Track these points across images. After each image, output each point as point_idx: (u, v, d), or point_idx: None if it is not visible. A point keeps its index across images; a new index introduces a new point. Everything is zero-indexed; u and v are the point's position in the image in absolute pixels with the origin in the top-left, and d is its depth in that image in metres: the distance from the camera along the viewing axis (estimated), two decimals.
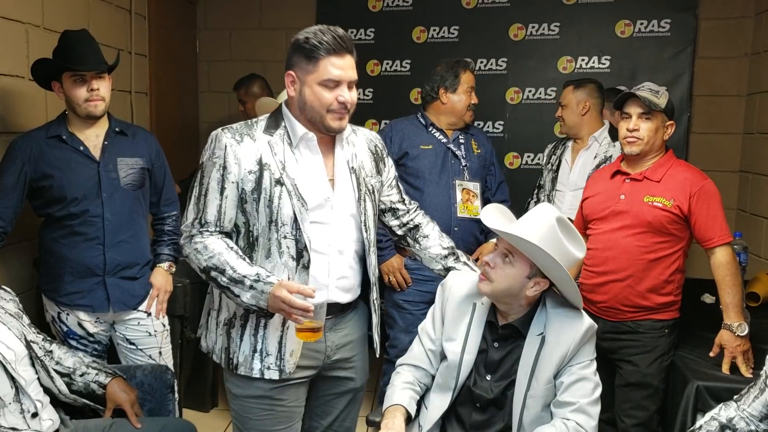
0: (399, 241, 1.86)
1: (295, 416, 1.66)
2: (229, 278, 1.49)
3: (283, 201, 1.52)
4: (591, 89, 2.69)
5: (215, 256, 1.51)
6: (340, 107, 1.52)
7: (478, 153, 2.63)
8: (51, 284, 2.08)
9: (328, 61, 1.49)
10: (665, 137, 2.04)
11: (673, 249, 2.01)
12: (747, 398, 1.49)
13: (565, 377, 1.53)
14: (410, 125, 2.63)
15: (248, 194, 1.53)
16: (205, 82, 4.11)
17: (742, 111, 3.50)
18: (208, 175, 1.54)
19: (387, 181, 1.76)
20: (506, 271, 1.54)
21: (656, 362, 2.03)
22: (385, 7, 3.83)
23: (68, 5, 2.61)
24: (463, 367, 1.59)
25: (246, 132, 1.56)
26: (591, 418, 1.51)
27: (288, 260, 1.54)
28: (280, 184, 1.52)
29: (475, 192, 2.57)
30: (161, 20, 3.48)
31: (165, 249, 2.26)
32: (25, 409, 1.65)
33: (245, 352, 1.58)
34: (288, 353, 1.57)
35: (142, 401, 1.94)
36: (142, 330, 2.17)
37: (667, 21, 3.53)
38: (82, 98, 1.99)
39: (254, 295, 1.47)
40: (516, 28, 3.71)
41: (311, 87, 1.52)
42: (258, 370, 1.57)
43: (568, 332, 1.53)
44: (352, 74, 1.54)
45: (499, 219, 1.59)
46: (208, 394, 3.01)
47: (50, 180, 2.00)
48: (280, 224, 1.53)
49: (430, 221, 1.85)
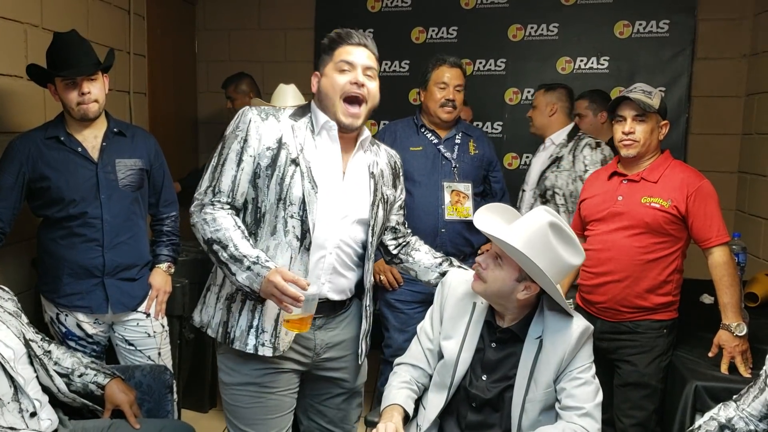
0: (392, 260, 1.86)
1: (284, 407, 1.66)
2: (230, 255, 1.50)
3: (295, 181, 1.54)
4: (560, 93, 2.76)
5: (221, 230, 1.52)
6: (352, 88, 1.55)
7: (474, 154, 2.60)
8: (49, 285, 2.07)
9: (343, 48, 1.58)
10: (660, 137, 2.05)
11: (671, 249, 2.01)
12: (746, 398, 1.50)
13: (566, 382, 1.52)
14: (404, 127, 2.63)
15: (262, 169, 1.56)
16: (203, 83, 4.11)
17: (741, 112, 3.51)
18: (229, 146, 1.57)
19: (399, 201, 1.80)
20: (496, 273, 1.54)
21: (655, 362, 2.03)
22: (384, 8, 3.84)
23: (67, 5, 2.60)
24: (460, 365, 1.59)
25: (272, 113, 1.61)
26: (596, 421, 1.50)
27: (292, 239, 1.55)
28: (295, 164, 1.55)
29: (465, 193, 2.54)
30: (160, 20, 3.48)
31: (164, 250, 2.25)
32: (24, 409, 1.65)
33: (242, 327, 1.59)
34: (283, 332, 1.58)
35: (140, 402, 1.94)
36: (141, 331, 2.17)
37: (665, 22, 3.54)
38: (75, 102, 1.99)
39: (249, 276, 1.48)
40: (515, 29, 3.71)
41: (328, 75, 1.59)
42: (252, 345, 1.58)
43: (564, 336, 1.52)
44: (369, 61, 1.59)
45: (491, 220, 1.59)
46: (207, 394, 3.00)
47: (48, 181, 1.99)
48: (288, 203, 1.55)
49: (418, 239, 1.88)
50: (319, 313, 1.61)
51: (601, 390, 1.55)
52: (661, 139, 2.06)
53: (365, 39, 1.60)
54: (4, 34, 2.24)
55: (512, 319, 1.59)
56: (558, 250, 1.50)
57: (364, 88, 1.57)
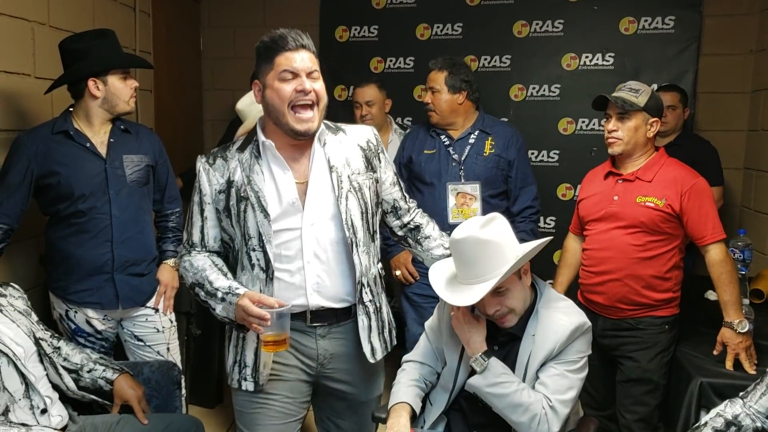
0: (400, 242, 1.82)
1: (290, 414, 1.65)
2: (206, 292, 1.55)
3: (248, 215, 1.55)
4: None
5: (198, 272, 1.58)
6: (299, 97, 1.49)
7: (489, 153, 2.51)
8: (59, 282, 2.09)
9: (283, 55, 1.49)
10: (649, 135, 2.03)
11: (669, 247, 2.01)
12: (753, 395, 1.50)
13: (543, 372, 1.53)
14: (423, 129, 2.62)
15: (221, 213, 1.60)
16: (209, 80, 4.11)
17: (747, 108, 3.49)
18: (192, 200, 1.63)
19: (387, 179, 1.71)
20: (511, 297, 1.54)
21: (657, 358, 2.04)
22: (389, 5, 3.83)
23: (73, 3, 2.61)
24: (461, 374, 1.61)
25: (220, 154, 1.62)
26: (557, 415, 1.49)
27: (258, 272, 1.57)
28: (244, 199, 1.55)
29: (473, 195, 2.49)
30: (165, 18, 3.48)
31: (170, 245, 2.27)
32: (35, 405, 1.67)
33: (230, 363, 1.64)
34: (262, 365, 1.60)
35: (149, 397, 1.95)
36: (150, 326, 2.18)
37: (671, 18, 3.52)
38: (128, 95, 2.06)
39: (225, 307, 1.51)
40: (520, 25, 3.70)
41: (271, 86, 1.51)
42: (236, 381, 1.62)
43: (556, 330, 1.53)
44: (311, 65, 1.51)
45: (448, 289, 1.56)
46: (214, 390, 3.02)
47: (57, 177, 2.00)
48: (248, 237, 1.56)
49: (431, 221, 1.81)
50: (319, 322, 1.60)
51: (575, 389, 1.53)
52: (651, 137, 2.03)
53: (302, 39, 1.51)
54: (11, 33, 2.25)
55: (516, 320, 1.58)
56: (503, 237, 1.51)
57: (312, 93, 1.51)
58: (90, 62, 2.01)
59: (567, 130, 3.69)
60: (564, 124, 3.69)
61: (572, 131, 3.70)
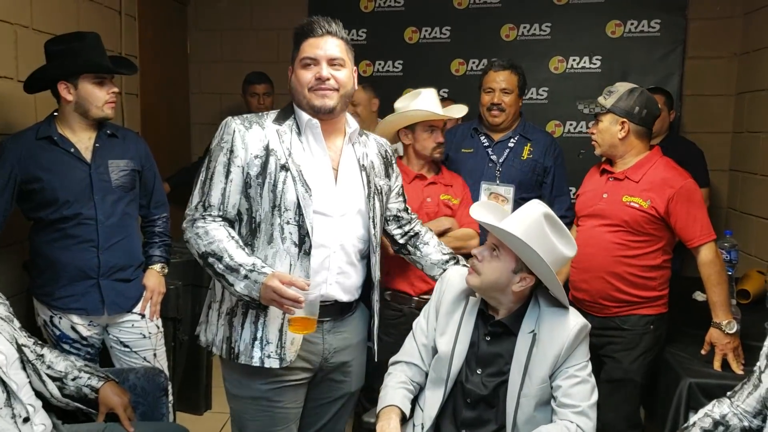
0: (400, 250, 1.87)
1: (291, 418, 1.66)
2: (226, 266, 1.49)
3: (288, 186, 1.53)
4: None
5: (215, 242, 1.51)
6: (317, 84, 1.55)
7: (527, 158, 2.50)
8: (44, 288, 2.06)
9: (308, 42, 1.57)
10: (619, 136, 2.03)
11: (653, 248, 2.02)
12: (741, 394, 1.51)
13: (562, 380, 1.53)
14: (464, 129, 2.64)
15: (253, 179, 1.55)
16: (196, 83, 4.09)
17: (732, 110, 3.53)
18: (215, 159, 1.56)
19: (395, 188, 1.80)
20: (493, 265, 1.55)
21: (639, 359, 2.04)
22: (377, 8, 3.84)
23: (57, 6, 2.58)
24: (455, 358, 1.60)
25: (255, 120, 1.60)
26: (590, 420, 1.51)
27: (290, 246, 1.54)
28: (285, 169, 1.54)
29: (505, 197, 2.49)
30: (151, 21, 3.46)
31: (156, 251, 2.25)
32: (17, 414, 1.63)
33: (246, 341, 1.57)
34: (289, 341, 1.56)
35: (135, 405, 1.92)
36: (136, 332, 2.16)
37: (657, 21, 3.56)
38: (103, 101, 2.01)
39: (247, 285, 1.47)
40: (507, 29, 3.73)
41: (296, 71, 1.59)
42: (258, 358, 1.55)
43: (561, 331, 1.53)
44: (332, 52, 1.56)
45: (486, 213, 1.61)
46: (202, 397, 2.99)
47: (40, 182, 1.98)
48: (283, 209, 1.53)
49: (429, 230, 1.88)
50: (327, 316, 1.60)
51: (596, 389, 1.56)
52: (623, 138, 2.02)
53: (329, 25, 1.57)
54: None
55: (505, 313, 1.60)
56: (552, 240, 1.52)
57: (331, 81, 1.55)
58: (60, 64, 1.98)
59: (555, 132, 3.72)
60: (552, 126, 3.72)
61: (560, 134, 3.73)
